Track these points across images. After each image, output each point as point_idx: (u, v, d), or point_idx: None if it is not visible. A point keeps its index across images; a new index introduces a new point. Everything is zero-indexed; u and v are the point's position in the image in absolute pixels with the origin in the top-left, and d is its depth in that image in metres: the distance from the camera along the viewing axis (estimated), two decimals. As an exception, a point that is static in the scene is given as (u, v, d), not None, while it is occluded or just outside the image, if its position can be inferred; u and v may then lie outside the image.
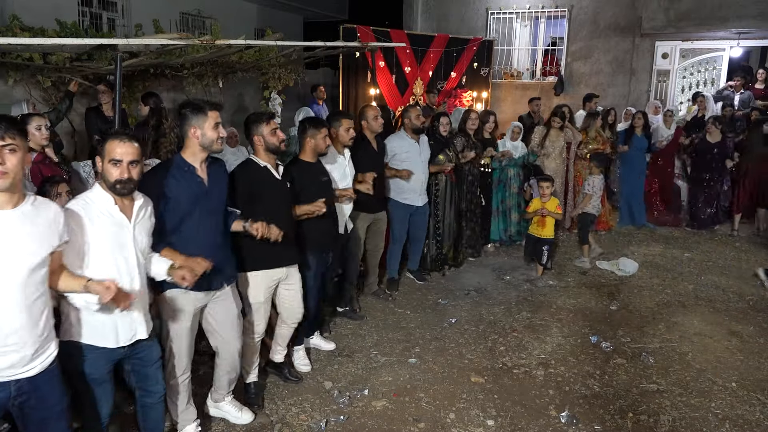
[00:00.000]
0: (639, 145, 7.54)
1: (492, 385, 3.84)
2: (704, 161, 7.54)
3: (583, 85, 10.43)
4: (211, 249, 2.88)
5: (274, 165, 3.43)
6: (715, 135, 7.44)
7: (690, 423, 3.45)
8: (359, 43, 7.42)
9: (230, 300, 3.16)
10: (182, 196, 2.81)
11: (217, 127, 2.83)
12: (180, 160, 2.87)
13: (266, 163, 3.39)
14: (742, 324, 4.83)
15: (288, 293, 3.63)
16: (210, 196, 2.91)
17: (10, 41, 4.13)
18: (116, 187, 2.42)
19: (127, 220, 2.49)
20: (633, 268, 6.08)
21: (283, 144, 3.38)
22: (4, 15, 7.40)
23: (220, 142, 2.86)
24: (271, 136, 3.34)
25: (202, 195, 2.88)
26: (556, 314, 5.00)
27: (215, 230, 2.97)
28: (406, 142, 5.15)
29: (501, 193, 6.73)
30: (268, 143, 3.34)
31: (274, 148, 3.36)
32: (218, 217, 2.99)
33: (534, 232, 6.00)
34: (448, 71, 9.52)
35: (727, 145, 7.47)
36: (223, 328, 3.17)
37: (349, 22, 11.34)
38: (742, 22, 9.08)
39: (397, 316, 4.95)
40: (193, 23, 12.09)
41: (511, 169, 6.70)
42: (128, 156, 2.41)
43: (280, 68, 7.42)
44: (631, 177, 7.72)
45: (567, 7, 10.41)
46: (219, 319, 3.15)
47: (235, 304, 3.20)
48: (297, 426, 3.37)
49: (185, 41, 4.36)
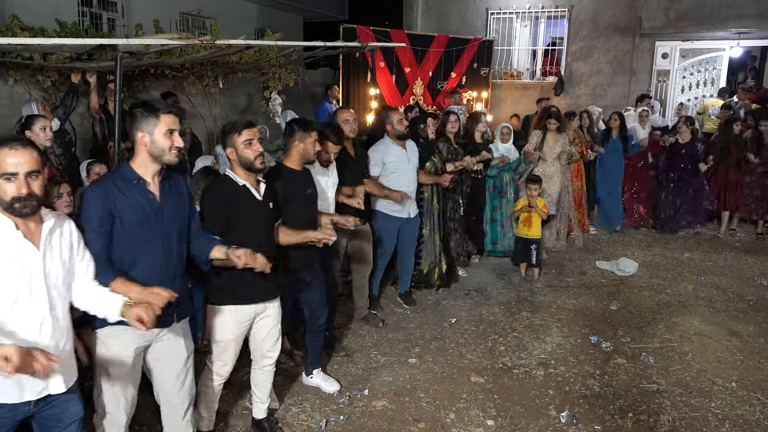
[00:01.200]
0: (615, 147, 7.43)
1: (492, 385, 3.84)
2: (673, 162, 7.50)
3: (583, 85, 10.44)
4: (161, 278, 2.41)
5: (254, 183, 2.94)
6: (685, 135, 7.41)
7: (690, 423, 3.45)
8: (359, 43, 7.42)
9: (180, 340, 2.61)
10: (128, 214, 2.35)
11: (170, 135, 2.37)
12: (128, 170, 2.40)
13: (245, 182, 2.90)
14: (742, 324, 4.83)
15: (262, 326, 3.11)
16: (162, 215, 2.44)
17: (10, 41, 4.14)
18: (14, 206, 1.95)
19: (34, 248, 2.02)
20: (633, 268, 6.08)
21: (259, 160, 2.86)
22: (4, 15, 7.40)
23: (174, 152, 2.39)
24: (244, 148, 2.83)
25: (152, 213, 2.41)
26: (556, 314, 5.00)
27: (167, 256, 2.48)
28: (393, 150, 4.67)
29: (496, 200, 6.33)
30: (241, 157, 2.84)
31: (247, 164, 2.85)
32: (172, 240, 2.50)
33: (521, 233, 5.93)
34: (448, 71, 9.52)
35: (695, 146, 7.38)
36: (166, 377, 2.60)
37: (349, 22, 11.35)
38: (742, 22, 9.08)
39: (397, 316, 4.95)
40: (193, 23, 12.09)
41: (506, 174, 6.32)
42: (25, 166, 1.94)
43: (280, 68, 7.42)
44: (608, 179, 7.58)
45: (567, 7, 10.42)
46: (162, 365, 2.58)
47: (185, 346, 2.64)
48: (297, 426, 3.37)
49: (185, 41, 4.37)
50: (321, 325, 3.67)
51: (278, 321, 3.16)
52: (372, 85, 8.63)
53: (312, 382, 3.79)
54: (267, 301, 3.04)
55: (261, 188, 2.97)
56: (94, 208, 2.31)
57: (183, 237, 2.58)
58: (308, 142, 3.38)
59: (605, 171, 7.57)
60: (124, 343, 2.41)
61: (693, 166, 7.34)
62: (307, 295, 3.57)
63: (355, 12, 16.55)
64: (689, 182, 7.45)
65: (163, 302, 2.23)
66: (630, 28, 10.04)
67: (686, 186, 7.46)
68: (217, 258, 2.65)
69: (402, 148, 4.71)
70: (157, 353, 2.55)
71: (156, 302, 2.20)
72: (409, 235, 4.93)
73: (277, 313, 3.14)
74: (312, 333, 3.69)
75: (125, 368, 2.44)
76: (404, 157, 4.71)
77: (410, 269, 5.13)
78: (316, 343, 3.74)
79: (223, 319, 2.94)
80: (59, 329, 2.11)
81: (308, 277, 3.51)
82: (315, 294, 3.59)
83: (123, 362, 2.43)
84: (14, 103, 5.49)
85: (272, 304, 3.09)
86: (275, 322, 3.14)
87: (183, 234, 2.58)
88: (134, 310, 2.12)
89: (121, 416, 2.49)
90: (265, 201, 2.99)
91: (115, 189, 2.35)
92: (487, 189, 6.31)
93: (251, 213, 2.90)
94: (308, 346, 3.75)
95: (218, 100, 7.81)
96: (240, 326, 2.98)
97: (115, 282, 2.29)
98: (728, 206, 7.47)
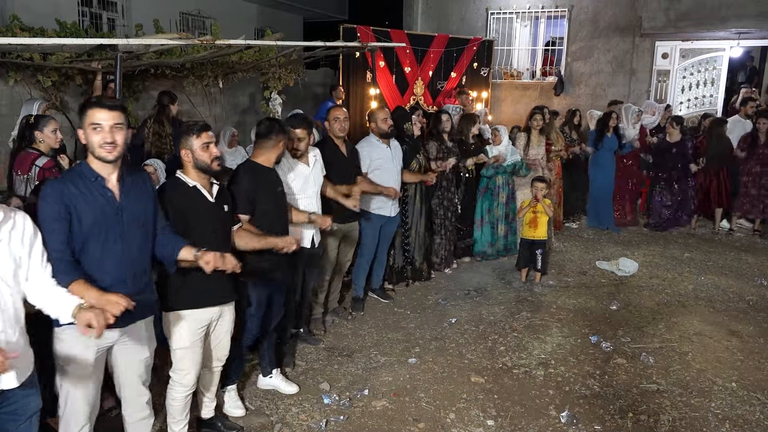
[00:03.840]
0: (610, 146, 7.41)
1: (492, 385, 3.84)
2: (663, 161, 7.53)
3: (583, 85, 10.43)
4: (123, 277, 2.39)
5: (206, 185, 2.87)
6: (674, 135, 7.44)
7: (690, 423, 3.45)
8: (359, 43, 7.42)
9: (143, 339, 2.57)
10: (85, 213, 2.30)
11: (94, 130, 2.30)
12: (86, 167, 2.36)
13: (196, 183, 2.83)
14: (742, 324, 4.82)
15: (218, 330, 3.05)
16: (122, 215, 2.39)
17: (10, 41, 4.14)
18: None
19: None
20: (633, 268, 6.08)
21: (216, 162, 2.82)
22: (4, 15, 7.41)
23: (104, 149, 2.29)
24: (201, 151, 2.79)
25: (111, 213, 2.36)
26: (556, 314, 5.00)
27: (128, 256, 2.42)
28: (377, 148, 4.71)
29: (488, 201, 6.25)
30: (198, 160, 2.79)
31: (204, 167, 2.80)
32: (135, 240, 2.44)
33: (527, 234, 5.79)
34: (448, 71, 9.51)
35: (686, 145, 7.41)
36: (127, 378, 2.60)
37: (349, 22, 11.34)
38: (742, 22, 9.07)
39: (397, 316, 4.95)
40: (193, 23, 12.10)
41: (500, 176, 6.22)
42: None
43: (280, 68, 7.43)
44: (600, 178, 7.55)
45: (567, 7, 10.40)
46: (123, 363, 2.56)
47: (147, 347, 2.61)
48: (297, 426, 3.37)
49: (185, 41, 4.37)
50: (276, 324, 3.64)
51: (232, 324, 3.10)
52: (372, 85, 8.62)
53: (270, 383, 3.70)
54: (224, 305, 2.98)
55: (214, 190, 2.91)
56: (50, 206, 2.27)
57: (148, 236, 2.53)
58: (282, 145, 3.40)
59: (599, 170, 7.54)
60: (85, 343, 2.34)
61: (683, 165, 7.39)
62: (271, 294, 3.51)
63: (355, 12, 16.56)
64: (679, 181, 7.50)
65: (119, 311, 2.13)
66: (630, 28, 10.03)
67: (676, 184, 7.51)
68: (185, 260, 2.57)
69: (386, 147, 4.76)
70: (118, 351, 2.53)
71: (111, 310, 2.12)
72: (387, 233, 5.00)
73: (232, 318, 3.09)
74: (268, 332, 3.65)
75: (87, 368, 2.41)
76: (388, 156, 4.75)
77: (383, 265, 5.20)
78: (271, 342, 3.69)
79: (177, 326, 2.84)
80: (6, 319, 2.05)
81: (279, 276, 3.45)
82: (278, 295, 3.54)
83: (85, 362, 2.40)
84: (14, 103, 5.49)
85: (228, 308, 3.04)
86: (229, 327, 3.08)
87: (148, 233, 2.53)
88: (86, 315, 2.06)
89: (82, 414, 2.47)
90: (218, 203, 2.92)
91: (72, 187, 2.31)
92: (479, 190, 6.26)
93: (202, 215, 2.83)
94: (264, 346, 3.68)
95: (218, 100, 7.82)
96: (196, 332, 2.89)
97: (74, 284, 2.23)
98: (722, 203, 7.50)
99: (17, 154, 4.02)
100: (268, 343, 3.68)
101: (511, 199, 6.33)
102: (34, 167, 3.85)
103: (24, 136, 4.01)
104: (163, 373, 3.12)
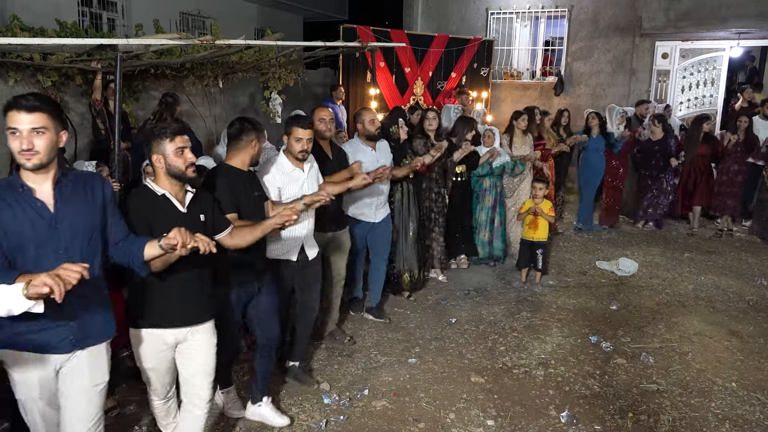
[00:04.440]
0: (595, 146, 7.39)
1: (492, 385, 3.84)
2: (646, 159, 7.56)
3: (583, 85, 10.43)
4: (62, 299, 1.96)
5: (179, 193, 2.58)
6: (657, 133, 7.47)
7: (690, 423, 3.45)
8: (359, 43, 7.42)
9: (86, 372, 2.26)
10: (11, 226, 2.06)
11: (12, 134, 2.05)
12: (15, 176, 2.15)
13: (165, 191, 2.55)
14: (742, 324, 4.83)
15: (188, 358, 2.68)
16: (59, 227, 2.12)
17: (10, 41, 4.14)
18: None
19: None
20: (633, 268, 6.08)
21: (191, 169, 2.55)
22: (4, 15, 7.41)
23: (22, 156, 2.05)
24: (175, 156, 2.51)
25: (43, 226, 2.10)
26: (556, 314, 5.00)
27: None
28: (362, 151, 4.45)
29: (473, 206, 6.08)
30: (171, 166, 2.51)
31: (178, 173, 2.53)
32: (75, 254, 2.14)
33: (527, 235, 5.74)
34: (448, 71, 9.52)
35: (668, 143, 7.43)
36: (69, 412, 2.25)
37: (349, 22, 11.35)
38: (742, 22, 9.07)
39: (397, 316, 4.95)
40: (193, 23, 12.10)
41: (487, 179, 6.02)
42: None
43: (280, 68, 7.43)
44: (589, 179, 7.55)
45: (567, 7, 10.40)
46: (65, 399, 2.26)
47: (98, 375, 2.30)
48: (297, 426, 3.37)
49: (185, 41, 4.36)
50: (272, 339, 3.27)
51: (211, 355, 2.71)
52: (372, 85, 8.63)
53: (258, 412, 3.35)
54: (190, 326, 2.63)
55: (187, 198, 2.61)
56: None
57: (95, 249, 2.24)
58: (261, 143, 3.20)
59: (586, 170, 7.54)
60: (24, 365, 2.16)
61: (665, 162, 7.43)
62: (255, 306, 3.19)
63: (355, 12, 16.56)
64: (660, 178, 7.53)
65: (74, 277, 1.85)
66: (630, 28, 10.03)
67: (657, 182, 7.55)
68: (154, 256, 2.27)
69: (371, 150, 4.51)
70: (61, 385, 2.24)
71: (67, 278, 1.84)
72: (379, 241, 4.68)
73: (207, 345, 2.70)
74: (262, 350, 3.28)
75: (32, 391, 2.22)
76: (374, 159, 4.47)
77: (381, 280, 4.86)
78: (266, 365, 3.32)
79: (138, 344, 2.60)
80: None
81: (257, 285, 3.16)
82: (265, 304, 3.21)
83: (30, 384, 2.21)
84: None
85: (198, 331, 2.66)
86: (207, 357, 2.70)
87: (95, 245, 2.23)
88: (38, 279, 1.80)
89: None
90: (192, 213, 2.60)
91: None
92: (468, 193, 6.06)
93: (172, 226, 2.37)
94: (256, 369, 3.33)
95: (218, 100, 7.81)
96: (156, 354, 2.61)
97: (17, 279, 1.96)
98: (701, 201, 7.53)
99: None
100: (261, 367, 3.32)
101: (498, 203, 6.10)
102: None
103: None
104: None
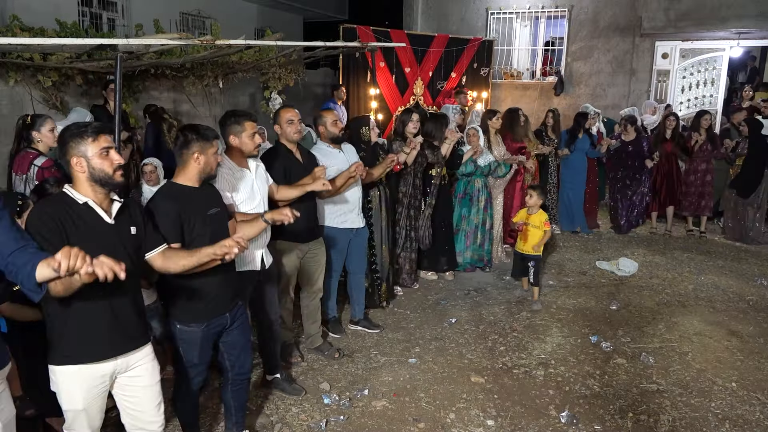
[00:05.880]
0: (581, 147, 7.34)
1: (492, 385, 3.84)
2: (620, 160, 7.52)
3: (583, 85, 10.44)
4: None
5: (103, 201, 2.22)
6: (629, 134, 7.44)
7: (690, 423, 3.45)
8: (359, 43, 7.42)
9: None
10: None
11: None
12: None
13: (88, 198, 2.18)
14: (742, 324, 4.83)
15: (132, 388, 2.38)
16: None
17: (10, 41, 4.13)
18: None
19: None
20: (633, 268, 6.08)
21: (119, 173, 2.19)
22: (4, 15, 7.41)
23: None
24: (99, 158, 2.14)
25: None
26: (556, 314, 5.00)
27: None
28: (329, 155, 4.14)
29: (466, 208, 5.83)
30: (95, 170, 2.15)
31: (103, 178, 2.16)
32: None
33: (518, 247, 5.44)
34: (448, 71, 9.52)
35: (641, 143, 7.40)
36: None
37: (349, 22, 11.35)
38: (742, 22, 9.08)
39: (397, 316, 4.95)
40: (193, 23, 12.10)
41: (478, 179, 5.80)
42: None
43: (280, 68, 7.43)
44: (572, 180, 7.45)
45: (567, 7, 10.41)
46: None
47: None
48: (297, 426, 3.37)
49: (185, 41, 4.36)
50: (245, 374, 3.03)
51: (155, 378, 2.43)
52: (372, 85, 8.63)
53: None
54: (127, 353, 2.30)
55: (114, 208, 2.25)
56: None
57: None
58: (210, 153, 2.70)
59: (571, 172, 7.46)
60: None
61: (639, 163, 7.41)
62: (226, 341, 2.89)
63: (355, 12, 16.56)
64: (637, 178, 7.51)
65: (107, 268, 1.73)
66: (630, 28, 10.03)
67: (635, 182, 7.52)
68: (47, 278, 1.81)
69: (339, 152, 4.22)
70: None
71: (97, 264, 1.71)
72: (358, 250, 4.47)
73: (151, 369, 2.40)
74: (234, 384, 3.00)
75: None
76: (344, 160, 4.19)
77: (363, 289, 4.67)
78: (240, 399, 3.06)
79: (65, 385, 2.21)
80: None
81: (229, 318, 2.83)
82: (237, 337, 2.91)
83: None
84: (14, 104, 5.49)
85: (138, 356, 2.35)
86: (151, 381, 2.41)
87: None
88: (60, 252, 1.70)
89: None
90: (121, 225, 2.26)
91: None
92: (455, 196, 5.83)
93: (95, 239, 2.12)
94: (230, 404, 3.05)
95: (218, 100, 7.82)
96: (91, 391, 2.24)
97: None
98: (674, 202, 7.53)
99: (16, 155, 4.02)
100: (236, 400, 3.06)
101: (489, 204, 5.92)
102: (32, 167, 3.85)
103: (21, 137, 4.01)
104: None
